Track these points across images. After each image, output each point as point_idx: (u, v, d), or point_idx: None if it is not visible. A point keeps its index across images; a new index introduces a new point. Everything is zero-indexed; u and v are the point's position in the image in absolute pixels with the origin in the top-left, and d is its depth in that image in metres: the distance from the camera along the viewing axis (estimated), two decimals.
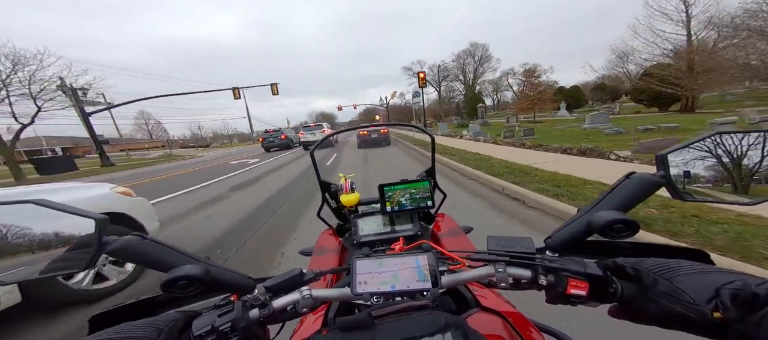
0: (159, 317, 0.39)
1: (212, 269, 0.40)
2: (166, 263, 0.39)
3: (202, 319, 0.40)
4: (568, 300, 0.41)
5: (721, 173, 0.40)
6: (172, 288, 0.37)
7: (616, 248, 0.48)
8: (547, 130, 15.22)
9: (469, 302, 0.57)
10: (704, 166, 0.40)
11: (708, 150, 0.40)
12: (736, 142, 0.38)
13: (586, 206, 0.45)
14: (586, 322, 1.44)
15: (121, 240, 0.38)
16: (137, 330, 0.35)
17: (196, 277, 0.37)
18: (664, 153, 0.41)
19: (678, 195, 0.41)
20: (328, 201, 1.04)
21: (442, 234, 0.91)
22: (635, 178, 0.42)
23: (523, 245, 0.46)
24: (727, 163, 0.39)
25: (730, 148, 0.39)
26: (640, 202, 0.42)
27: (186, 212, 4.73)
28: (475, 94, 53.97)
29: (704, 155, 0.40)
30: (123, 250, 0.37)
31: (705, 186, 0.41)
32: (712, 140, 0.39)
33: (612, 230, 0.37)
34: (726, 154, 0.39)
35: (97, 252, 0.36)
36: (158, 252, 0.39)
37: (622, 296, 0.38)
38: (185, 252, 0.42)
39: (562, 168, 4.73)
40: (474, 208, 3.67)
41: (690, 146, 0.40)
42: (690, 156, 0.41)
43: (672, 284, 0.33)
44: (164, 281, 0.36)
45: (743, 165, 0.38)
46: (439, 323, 0.37)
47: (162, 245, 0.40)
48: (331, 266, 0.80)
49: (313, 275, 0.48)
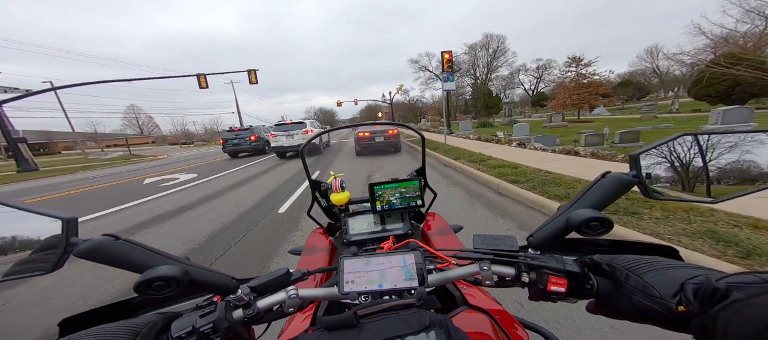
0: (136, 319, 0.37)
1: (191, 270, 0.39)
2: (142, 264, 0.37)
3: (182, 320, 0.39)
4: (549, 297, 0.42)
5: (686, 172, 0.41)
6: (146, 290, 0.35)
7: (595, 244, 0.51)
8: (632, 132, 10.19)
9: (456, 301, 0.58)
10: (672, 166, 0.42)
11: (677, 151, 0.42)
12: (704, 144, 0.40)
13: (566, 205, 0.45)
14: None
15: (91, 241, 0.35)
16: (111, 333, 0.33)
17: (174, 277, 0.35)
18: (636, 154, 0.43)
19: (648, 194, 0.42)
20: (318, 200, 1.03)
21: (431, 233, 0.91)
22: (610, 177, 0.43)
23: (507, 244, 0.47)
24: (694, 163, 0.41)
25: (697, 149, 0.40)
26: (614, 200, 0.43)
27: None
28: (488, 90, 49.07)
29: (673, 156, 0.42)
30: (93, 251, 0.35)
31: (672, 185, 0.43)
32: (681, 141, 0.41)
33: (588, 227, 0.39)
34: (693, 155, 0.41)
35: (64, 254, 0.34)
36: (133, 253, 0.37)
37: (598, 291, 0.39)
38: (163, 253, 0.39)
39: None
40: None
41: (660, 147, 0.42)
42: (660, 156, 0.42)
43: (642, 280, 0.35)
44: (138, 282, 0.34)
45: (708, 165, 0.40)
46: (423, 322, 0.37)
47: (138, 245, 0.38)
48: (321, 265, 0.79)
49: (300, 275, 0.48)
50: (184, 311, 0.42)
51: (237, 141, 13.27)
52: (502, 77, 53.63)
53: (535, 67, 59.34)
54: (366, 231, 0.91)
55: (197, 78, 17.55)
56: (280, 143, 10.89)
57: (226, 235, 3.40)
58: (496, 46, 48.74)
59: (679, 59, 17.54)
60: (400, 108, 55.78)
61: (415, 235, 0.90)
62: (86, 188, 7.98)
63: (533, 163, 5.55)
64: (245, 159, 12.44)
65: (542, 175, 4.43)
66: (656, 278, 0.34)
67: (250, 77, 18.80)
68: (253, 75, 18.83)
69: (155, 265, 0.37)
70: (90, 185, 8.69)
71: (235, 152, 13.57)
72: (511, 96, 58.82)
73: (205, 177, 8.24)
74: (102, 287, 2.36)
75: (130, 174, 10.79)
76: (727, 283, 0.27)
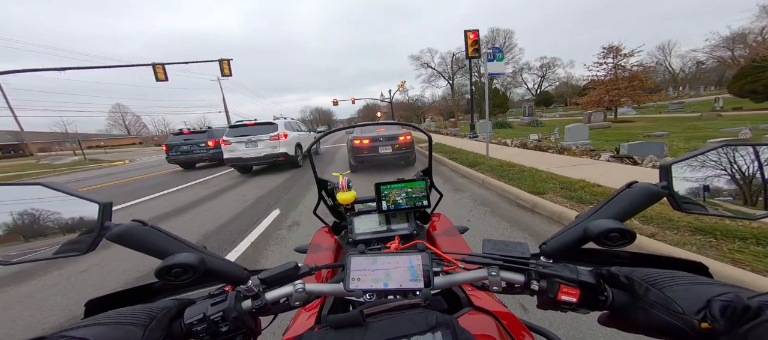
0: (154, 304, 0.39)
1: (208, 259, 0.40)
2: (163, 250, 0.38)
3: (195, 307, 0.40)
4: (559, 306, 0.41)
5: (724, 185, 0.39)
6: (166, 275, 0.36)
7: (614, 256, 0.49)
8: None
9: (461, 302, 0.58)
10: (708, 178, 0.39)
11: (713, 162, 0.39)
12: (743, 156, 0.37)
13: (585, 214, 0.44)
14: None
15: (122, 226, 0.37)
16: (131, 315, 0.35)
17: (191, 265, 0.36)
18: (667, 163, 0.40)
19: (679, 207, 0.40)
20: (324, 199, 1.03)
21: (437, 234, 0.90)
22: (636, 187, 0.41)
23: (518, 250, 0.46)
24: (732, 176, 0.38)
25: (736, 161, 0.38)
26: (639, 212, 0.41)
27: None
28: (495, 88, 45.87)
29: (709, 167, 0.39)
30: (123, 235, 0.37)
31: (708, 199, 0.40)
32: (718, 153, 0.38)
33: (607, 238, 0.37)
34: (731, 167, 0.38)
35: (98, 237, 0.36)
36: (157, 239, 0.39)
37: (613, 304, 0.38)
38: (183, 240, 0.41)
39: None
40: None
41: (694, 157, 0.40)
42: (694, 167, 0.40)
43: (663, 294, 0.33)
44: (159, 268, 0.36)
45: (748, 179, 0.37)
46: (429, 322, 0.36)
47: (161, 231, 0.40)
48: (327, 262, 0.80)
49: (307, 270, 0.48)
50: (197, 298, 0.43)
51: (187, 148, 9.66)
52: (505, 75, 50.43)
53: (539, 66, 56.54)
54: (371, 230, 0.90)
55: (153, 68, 14.13)
56: (237, 154, 7.34)
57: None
58: (503, 41, 45.56)
59: (693, 56, 15.12)
60: (400, 108, 52.27)
61: (420, 235, 0.89)
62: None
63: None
64: (203, 171, 9.07)
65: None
66: (679, 293, 0.32)
67: (222, 68, 15.41)
68: (225, 65, 15.44)
69: (176, 252, 0.38)
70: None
71: (186, 163, 9.99)
72: (512, 95, 55.84)
73: (121, 203, 4.82)
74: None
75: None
76: (761, 301, 0.26)
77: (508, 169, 5.13)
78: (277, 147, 7.40)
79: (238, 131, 7.53)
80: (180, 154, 9.71)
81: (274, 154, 7.36)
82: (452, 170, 6.36)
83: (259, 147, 7.36)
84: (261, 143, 7.35)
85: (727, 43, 35.80)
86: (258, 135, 7.36)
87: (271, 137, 7.33)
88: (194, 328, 0.38)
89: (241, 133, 7.43)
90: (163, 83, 14.34)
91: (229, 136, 7.45)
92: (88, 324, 0.33)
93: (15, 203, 0.34)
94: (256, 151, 7.35)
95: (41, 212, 0.35)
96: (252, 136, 7.34)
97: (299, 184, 6.13)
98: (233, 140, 7.40)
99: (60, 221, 0.36)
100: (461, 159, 6.62)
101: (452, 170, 6.36)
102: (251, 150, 7.38)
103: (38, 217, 0.35)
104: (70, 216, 0.36)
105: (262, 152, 7.31)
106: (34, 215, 0.35)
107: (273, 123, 7.68)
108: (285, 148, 7.51)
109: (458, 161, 6.52)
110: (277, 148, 7.41)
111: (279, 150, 7.41)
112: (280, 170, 8.03)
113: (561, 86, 62.52)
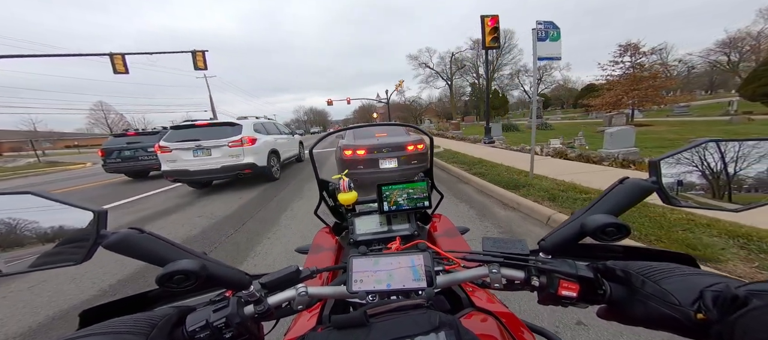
0: (153, 312, 0.38)
1: (209, 265, 0.39)
2: (163, 258, 0.38)
3: (197, 314, 0.39)
4: (560, 301, 0.42)
5: (711, 180, 0.40)
6: (168, 283, 0.36)
7: (608, 250, 0.50)
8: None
9: (462, 302, 0.58)
10: (695, 173, 0.41)
11: (699, 158, 0.40)
12: (728, 151, 0.39)
13: (580, 210, 0.45)
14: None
15: (119, 233, 0.36)
16: (131, 324, 0.34)
17: (193, 272, 0.36)
18: (656, 159, 0.42)
19: (668, 201, 0.41)
20: (325, 199, 1.02)
21: (438, 234, 0.90)
22: (628, 183, 0.43)
23: (518, 247, 0.47)
24: (718, 170, 0.40)
25: (721, 156, 0.39)
26: (631, 206, 0.42)
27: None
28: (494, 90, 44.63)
29: (695, 163, 0.41)
30: (121, 243, 0.36)
31: (695, 193, 0.41)
32: (704, 148, 0.40)
33: (604, 233, 0.38)
34: (717, 162, 0.40)
35: (94, 245, 0.35)
36: (156, 246, 0.38)
37: (611, 297, 0.39)
38: (182, 246, 0.40)
39: None
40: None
41: (682, 153, 0.41)
42: (682, 163, 0.41)
43: (659, 286, 0.34)
44: (160, 275, 0.35)
45: (733, 173, 0.39)
46: (433, 322, 0.36)
47: (159, 238, 0.39)
48: (328, 264, 0.78)
49: (309, 273, 0.48)
50: (196, 305, 0.42)
51: (131, 153, 7.60)
52: (504, 76, 49.33)
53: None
54: (372, 231, 0.89)
55: (110, 59, 12.05)
56: (180, 166, 5.34)
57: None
58: (504, 41, 44.27)
59: (688, 59, 14.20)
60: (397, 109, 50.48)
61: (421, 236, 0.88)
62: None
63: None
64: (154, 183, 7.09)
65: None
66: (674, 285, 0.33)
67: (196, 60, 13.40)
68: (199, 58, 13.44)
69: (175, 259, 0.37)
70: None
71: (133, 172, 7.96)
72: (508, 97, 54.76)
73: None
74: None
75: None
76: (747, 290, 0.27)
77: (575, 195, 3.35)
78: (240, 156, 5.48)
79: (184, 134, 5.45)
80: (121, 161, 7.66)
81: (236, 166, 5.42)
82: (481, 191, 4.54)
83: (214, 156, 5.37)
84: (216, 151, 5.36)
85: (721, 47, 35.36)
86: (212, 140, 5.36)
87: (231, 143, 5.38)
88: (197, 335, 0.37)
89: (188, 137, 5.37)
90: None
91: (168, 141, 5.40)
92: (84, 335, 0.32)
93: (4, 212, 0.33)
94: (209, 161, 5.36)
95: (32, 222, 0.34)
96: (203, 142, 5.32)
97: (273, 203, 4.28)
98: (175, 147, 5.32)
99: (52, 231, 0.35)
100: (491, 176, 4.81)
101: (481, 191, 4.54)
102: (202, 160, 5.36)
103: (30, 226, 0.34)
104: (62, 225, 0.35)
105: (217, 163, 5.35)
106: (24, 224, 0.34)
107: (235, 123, 5.70)
108: (252, 157, 5.60)
109: (487, 178, 4.71)
110: (241, 158, 5.48)
111: (243, 160, 5.49)
112: (249, 185, 6.12)
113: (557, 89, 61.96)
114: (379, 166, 4.34)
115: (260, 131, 6.33)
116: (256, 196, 5.23)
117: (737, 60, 35.86)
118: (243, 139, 5.47)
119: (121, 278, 2.50)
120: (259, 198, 5.07)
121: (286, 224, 3.62)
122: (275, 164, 6.59)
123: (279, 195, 5.19)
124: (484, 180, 4.68)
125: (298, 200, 4.71)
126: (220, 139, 5.38)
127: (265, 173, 6.02)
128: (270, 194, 5.27)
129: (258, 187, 5.92)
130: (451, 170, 6.12)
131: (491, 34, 8.12)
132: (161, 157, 5.40)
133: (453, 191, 4.77)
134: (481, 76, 46.93)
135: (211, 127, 5.57)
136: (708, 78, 50.85)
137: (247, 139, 5.57)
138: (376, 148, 4.39)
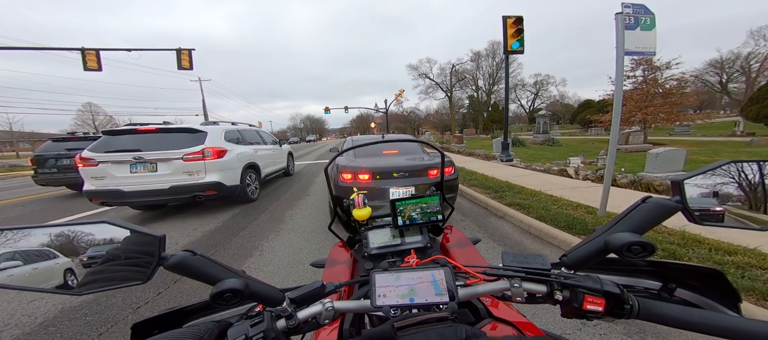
0: (198, 327, 0.40)
1: (250, 283, 0.42)
2: (213, 277, 0.41)
3: (236, 329, 0.42)
4: (584, 315, 0.42)
5: (736, 198, 0.41)
6: (219, 300, 0.39)
7: (630, 264, 0.51)
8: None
9: (480, 313, 0.58)
10: (720, 192, 0.41)
11: (724, 177, 0.41)
12: (752, 170, 0.40)
13: (602, 227, 0.46)
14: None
15: (177, 255, 0.40)
16: (183, 337, 0.38)
17: (239, 290, 0.39)
18: (680, 179, 0.42)
19: (694, 219, 0.41)
20: (339, 215, 1.03)
21: (450, 245, 0.91)
22: (651, 202, 0.43)
23: (538, 262, 0.47)
24: (743, 189, 0.40)
25: (745, 175, 0.40)
26: (655, 225, 0.42)
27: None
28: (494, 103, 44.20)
29: (720, 182, 0.41)
30: (180, 265, 0.39)
31: (720, 212, 0.41)
32: (728, 168, 0.41)
33: (629, 251, 0.39)
34: (742, 181, 0.40)
35: (156, 266, 0.39)
36: (206, 267, 0.41)
37: (640, 313, 0.39)
38: (226, 266, 0.43)
39: None
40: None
41: (706, 173, 0.41)
42: (706, 182, 0.42)
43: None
44: (213, 293, 0.39)
45: (759, 191, 0.39)
46: (459, 335, 0.37)
47: (207, 259, 0.42)
48: (344, 277, 0.79)
49: (333, 288, 0.50)
50: (229, 318, 0.46)
51: (69, 162, 6.03)
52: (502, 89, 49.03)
53: (533, 83, 56.01)
54: (386, 244, 0.90)
55: (81, 54, 10.75)
56: (110, 185, 3.89)
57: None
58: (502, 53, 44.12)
59: (682, 79, 13.77)
60: (394, 119, 49.49)
61: (433, 247, 0.90)
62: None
63: None
64: None
65: None
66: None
67: (180, 59, 12.16)
68: (184, 56, 12.26)
69: (222, 277, 0.41)
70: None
71: (73, 185, 6.37)
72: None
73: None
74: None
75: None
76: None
77: (690, 245, 2.10)
78: (199, 173, 4.12)
79: (118, 143, 4.00)
80: (58, 171, 6.13)
81: (192, 186, 4.04)
82: (527, 231, 3.29)
83: (161, 173, 3.98)
84: (165, 166, 3.98)
85: (711, 67, 35.49)
86: (160, 151, 3.98)
87: (187, 156, 4.04)
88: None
89: (125, 147, 3.97)
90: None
91: (95, 152, 3.95)
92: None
93: (87, 237, 0.39)
94: (153, 180, 3.96)
95: (106, 247, 0.39)
96: (145, 153, 3.92)
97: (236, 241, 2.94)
98: (103, 158, 3.88)
99: (123, 254, 0.39)
100: (537, 211, 3.53)
101: (527, 231, 3.29)
102: (142, 178, 3.95)
103: (104, 251, 0.39)
104: (130, 249, 0.39)
105: (163, 182, 3.95)
106: (99, 249, 0.39)
107: (198, 130, 4.33)
108: (216, 174, 4.25)
109: (533, 214, 3.45)
110: (200, 176, 4.12)
111: (203, 179, 4.13)
112: (215, 207, 4.77)
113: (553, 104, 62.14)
114: (390, 195, 3.06)
115: (235, 140, 5.03)
116: (219, 226, 3.88)
117: (726, 81, 36.04)
118: (205, 151, 4.14)
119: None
120: (221, 230, 3.72)
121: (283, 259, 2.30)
122: (253, 182, 5.26)
123: (250, 226, 3.85)
124: (530, 216, 3.42)
125: (273, 236, 3.37)
126: (172, 150, 4.02)
127: (236, 194, 4.68)
128: (238, 224, 3.93)
129: (225, 211, 4.58)
130: (474, 197, 4.82)
131: (515, 37, 7.05)
132: (83, 172, 3.93)
133: (483, 227, 3.50)
134: (480, 88, 46.59)
135: (160, 134, 4.16)
136: (697, 98, 51.41)
137: (213, 150, 4.25)
138: (385, 172, 3.13)
